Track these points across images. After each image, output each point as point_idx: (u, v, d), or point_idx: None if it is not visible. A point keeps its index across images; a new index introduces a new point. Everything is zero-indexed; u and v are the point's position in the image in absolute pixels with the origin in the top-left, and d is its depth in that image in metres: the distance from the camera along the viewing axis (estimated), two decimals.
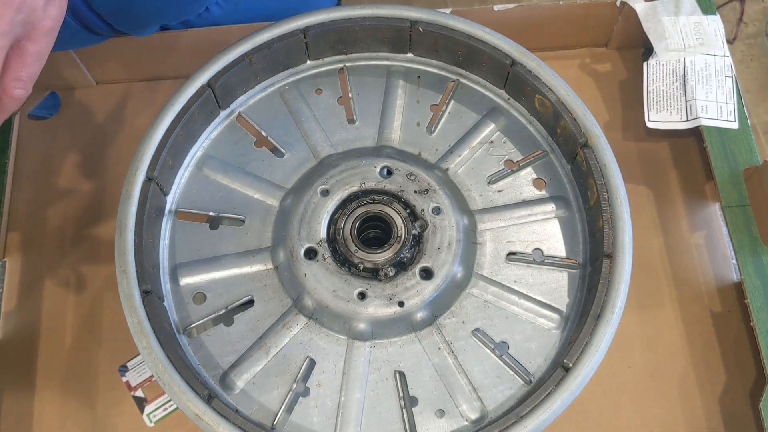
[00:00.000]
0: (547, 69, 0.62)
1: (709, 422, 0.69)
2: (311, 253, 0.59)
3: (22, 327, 0.73)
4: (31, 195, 0.79)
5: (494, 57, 0.63)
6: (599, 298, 0.54)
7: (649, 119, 0.76)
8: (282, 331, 0.58)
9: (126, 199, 0.57)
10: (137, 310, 0.54)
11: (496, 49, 0.63)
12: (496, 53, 0.63)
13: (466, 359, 0.58)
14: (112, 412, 0.70)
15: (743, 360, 0.71)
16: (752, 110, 1.53)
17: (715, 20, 0.79)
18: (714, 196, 0.77)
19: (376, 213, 0.61)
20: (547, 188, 0.64)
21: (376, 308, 0.57)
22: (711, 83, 0.76)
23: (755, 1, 1.68)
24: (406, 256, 0.59)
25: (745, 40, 1.60)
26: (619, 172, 0.58)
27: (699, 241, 0.76)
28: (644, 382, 0.71)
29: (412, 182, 0.61)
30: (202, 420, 0.51)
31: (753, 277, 0.70)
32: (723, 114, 0.75)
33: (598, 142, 0.59)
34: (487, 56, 0.64)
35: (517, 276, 0.61)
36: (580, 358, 0.53)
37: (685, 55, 0.77)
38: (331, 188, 0.61)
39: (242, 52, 0.63)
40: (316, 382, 0.57)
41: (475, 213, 0.62)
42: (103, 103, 0.83)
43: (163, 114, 0.61)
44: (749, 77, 1.57)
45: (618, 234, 0.56)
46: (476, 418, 0.56)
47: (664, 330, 0.73)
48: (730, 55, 0.79)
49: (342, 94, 0.68)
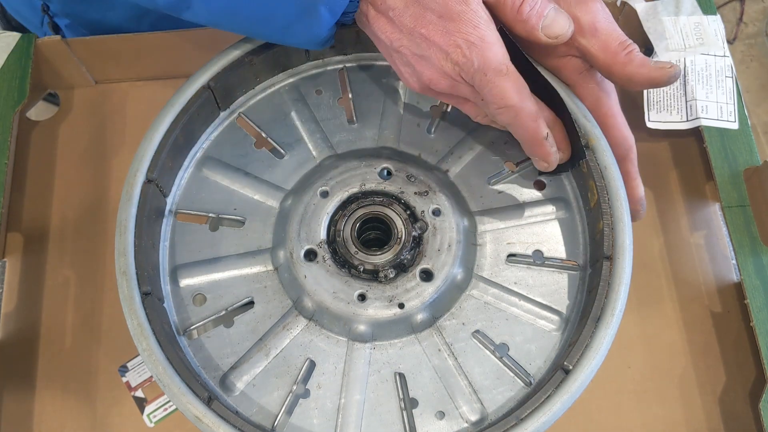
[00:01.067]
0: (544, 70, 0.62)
1: (709, 422, 0.69)
2: (311, 254, 0.59)
3: (23, 327, 0.73)
4: (30, 195, 0.79)
5: None
6: (599, 300, 0.54)
7: (649, 119, 0.76)
8: (282, 332, 0.58)
9: (126, 201, 0.57)
10: (137, 311, 0.54)
11: None
12: None
13: (466, 361, 0.58)
14: (112, 412, 0.70)
15: (743, 360, 0.71)
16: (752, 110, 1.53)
17: (716, 20, 0.79)
18: (714, 196, 0.77)
19: (376, 214, 0.61)
20: (547, 190, 0.64)
21: (376, 310, 0.57)
22: (711, 83, 0.76)
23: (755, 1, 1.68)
24: (406, 257, 0.59)
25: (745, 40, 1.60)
26: (619, 174, 0.58)
27: (699, 242, 0.76)
28: (644, 383, 0.71)
29: (412, 184, 0.61)
30: (202, 422, 0.51)
31: (753, 277, 0.70)
32: (723, 114, 0.75)
33: (599, 143, 0.59)
34: None
35: (517, 277, 0.61)
36: (580, 361, 0.53)
37: (685, 55, 0.77)
38: (331, 189, 0.61)
39: (242, 52, 0.63)
40: (316, 384, 0.57)
41: (475, 214, 0.62)
42: (103, 103, 0.83)
43: (163, 115, 0.60)
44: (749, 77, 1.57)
45: (618, 236, 0.56)
46: (476, 419, 0.56)
47: (663, 330, 0.73)
48: (730, 55, 0.79)
49: (342, 95, 0.68)
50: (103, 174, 0.79)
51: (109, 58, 0.81)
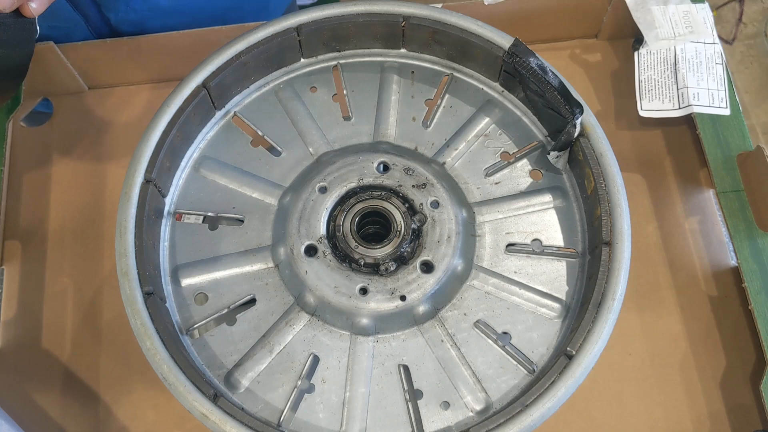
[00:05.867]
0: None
1: (710, 406, 0.70)
2: (311, 250, 0.59)
3: (23, 334, 0.73)
4: (27, 203, 0.79)
5: (487, 50, 0.64)
6: (600, 286, 0.55)
7: (642, 108, 0.77)
8: (285, 328, 0.59)
9: (125, 202, 0.57)
10: (140, 312, 0.54)
11: (490, 41, 0.63)
12: (490, 46, 0.63)
13: (469, 351, 0.58)
14: (113, 411, 0.69)
15: (742, 343, 0.72)
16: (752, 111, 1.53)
17: (704, 8, 0.80)
18: (708, 182, 0.78)
19: (374, 208, 0.61)
20: (543, 179, 0.64)
21: (378, 303, 0.57)
22: (702, 71, 0.77)
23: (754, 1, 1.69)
24: (406, 250, 0.59)
25: (745, 41, 1.61)
26: (615, 161, 0.59)
27: (694, 227, 0.77)
28: (645, 369, 0.71)
29: (410, 177, 0.61)
30: (209, 419, 0.51)
31: (750, 261, 0.71)
32: (715, 101, 0.76)
33: (594, 131, 0.59)
34: (480, 49, 0.64)
35: (517, 267, 0.61)
36: (583, 346, 0.53)
37: (675, 43, 0.78)
38: (329, 185, 0.61)
39: (236, 51, 0.64)
40: (321, 379, 0.57)
41: (474, 205, 0.63)
42: (97, 108, 0.83)
43: (159, 116, 0.61)
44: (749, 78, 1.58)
45: (616, 221, 0.57)
46: (481, 408, 0.56)
47: (662, 316, 0.73)
48: (724, 50, 0.79)
49: (337, 92, 0.68)
50: (99, 179, 0.79)
51: (100, 62, 0.81)
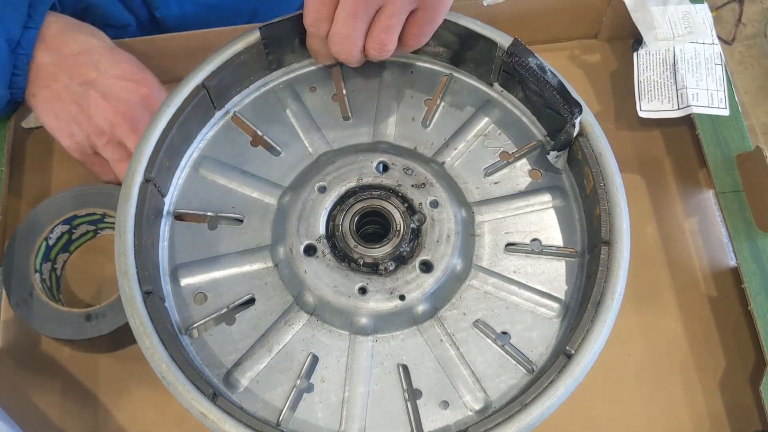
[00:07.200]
0: None
1: (709, 407, 0.70)
2: (311, 249, 0.59)
3: (23, 335, 0.73)
4: (27, 202, 0.79)
5: (487, 50, 0.64)
6: (599, 285, 0.55)
7: (641, 109, 0.77)
8: (284, 328, 0.59)
9: (124, 201, 0.57)
10: (139, 311, 0.54)
11: (489, 41, 0.63)
12: (489, 46, 0.63)
13: (468, 350, 0.58)
14: (112, 412, 0.69)
15: (742, 344, 0.72)
16: (751, 111, 1.53)
17: (703, 9, 0.80)
18: (707, 182, 0.78)
19: (374, 208, 0.61)
20: (543, 179, 0.64)
21: (377, 302, 0.57)
22: (701, 71, 0.77)
23: (754, 2, 1.69)
24: (406, 249, 0.59)
25: (744, 41, 1.61)
26: (614, 160, 0.59)
27: (694, 228, 0.77)
28: (644, 370, 0.71)
29: (409, 176, 0.62)
30: (208, 418, 0.51)
31: (749, 261, 0.71)
32: (714, 101, 0.76)
33: (593, 130, 0.59)
34: (479, 49, 0.64)
35: (516, 266, 0.61)
36: (582, 345, 0.53)
37: (674, 44, 0.78)
38: (329, 185, 0.61)
39: (235, 51, 0.64)
40: (320, 378, 0.57)
41: (473, 205, 0.63)
42: None
43: (159, 116, 0.61)
44: (748, 78, 1.58)
45: (615, 220, 0.57)
46: (480, 408, 0.56)
47: (662, 317, 0.73)
48: (723, 50, 0.79)
49: (336, 92, 0.68)
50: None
51: None
